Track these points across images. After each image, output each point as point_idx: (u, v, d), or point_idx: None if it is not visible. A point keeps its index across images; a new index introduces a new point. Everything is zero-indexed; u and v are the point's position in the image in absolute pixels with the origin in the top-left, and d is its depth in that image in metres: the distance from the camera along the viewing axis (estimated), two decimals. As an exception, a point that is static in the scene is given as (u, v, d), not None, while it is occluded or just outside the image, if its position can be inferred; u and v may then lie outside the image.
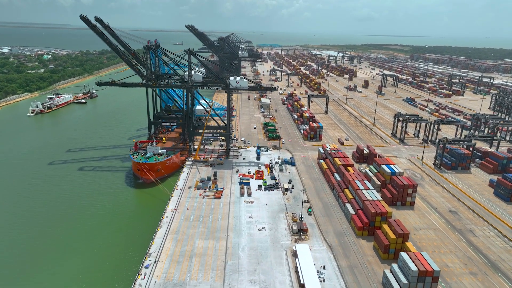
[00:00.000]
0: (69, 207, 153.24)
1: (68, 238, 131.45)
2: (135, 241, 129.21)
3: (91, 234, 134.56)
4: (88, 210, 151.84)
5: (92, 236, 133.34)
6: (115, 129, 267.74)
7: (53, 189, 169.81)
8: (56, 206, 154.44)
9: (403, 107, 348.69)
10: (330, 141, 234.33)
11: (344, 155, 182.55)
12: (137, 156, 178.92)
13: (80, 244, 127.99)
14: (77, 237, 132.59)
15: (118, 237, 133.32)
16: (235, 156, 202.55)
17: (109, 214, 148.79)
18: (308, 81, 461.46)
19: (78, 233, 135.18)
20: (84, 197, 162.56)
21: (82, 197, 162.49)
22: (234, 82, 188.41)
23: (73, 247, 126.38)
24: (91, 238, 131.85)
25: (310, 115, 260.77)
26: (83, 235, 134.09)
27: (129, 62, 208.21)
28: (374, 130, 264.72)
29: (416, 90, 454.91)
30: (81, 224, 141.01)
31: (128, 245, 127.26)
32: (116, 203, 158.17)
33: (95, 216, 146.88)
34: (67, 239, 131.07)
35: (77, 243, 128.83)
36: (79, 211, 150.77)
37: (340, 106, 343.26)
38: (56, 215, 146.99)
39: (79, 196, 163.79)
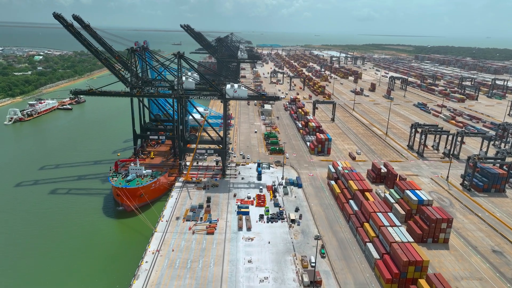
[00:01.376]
0: (34, 243, 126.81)
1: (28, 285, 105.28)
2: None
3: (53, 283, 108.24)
4: (55, 247, 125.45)
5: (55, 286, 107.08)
6: (99, 140, 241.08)
7: (16, 219, 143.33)
8: (19, 239, 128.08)
9: (415, 114, 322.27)
10: (339, 155, 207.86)
11: (360, 176, 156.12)
12: (116, 178, 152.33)
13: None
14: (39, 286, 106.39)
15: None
16: (233, 175, 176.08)
17: (78, 257, 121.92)
18: (311, 84, 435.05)
19: (41, 278, 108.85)
20: (53, 230, 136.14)
21: (49, 230, 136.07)
22: (231, 91, 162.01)
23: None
24: None
25: (317, 125, 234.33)
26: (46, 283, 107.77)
27: (111, 66, 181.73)
28: (387, 141, 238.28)
29: (426, 93, 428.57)
30: (44, 266, 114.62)
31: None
32: (89, 239, 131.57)
33: (62, 257, 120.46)
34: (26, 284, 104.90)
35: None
36: (45, 247, 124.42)
37: (347, 113, 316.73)
38: (17, 252, 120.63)
39: (46, 228, 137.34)
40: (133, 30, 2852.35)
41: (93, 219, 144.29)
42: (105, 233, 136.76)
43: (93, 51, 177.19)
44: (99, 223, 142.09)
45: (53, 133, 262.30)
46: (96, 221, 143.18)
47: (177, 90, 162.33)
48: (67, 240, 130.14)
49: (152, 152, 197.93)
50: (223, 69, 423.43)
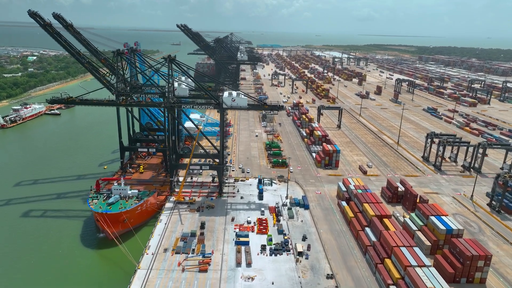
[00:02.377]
0: None
1: None
2: None
3: None
4: (22, 282, 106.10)
5: None
6: (86, 150, 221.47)
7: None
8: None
9: (425, 119, 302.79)
10: (349, 169, 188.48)
11: (376, 198, 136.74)
12: (97, 201, 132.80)
13: None
14: None
15: None
16: (231, 194, 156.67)
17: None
18: (314, 87, 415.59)
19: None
20: (21, 261, 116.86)
21: (17, 261, 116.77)
22: (229, 99, 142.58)
23: None
24: None
25: (323, 134, 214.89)
26: None
27: (94, 71, 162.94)
28: (399, 151, 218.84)
29: (434, 97, 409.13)
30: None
31: None
32: (62, 274, 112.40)
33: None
34: None
35: None
36: (10, 282, 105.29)
37: (354, 119, 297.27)
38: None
39: (14, 259, 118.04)
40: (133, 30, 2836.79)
41: (69, 249, 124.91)
42: (82, 267, 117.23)
43: (74, 54, 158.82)
44: (76, 254, 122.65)
45: (37, 142, 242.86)
46: (73, 252, 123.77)
47: (168, 98, 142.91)
48: (37, 273, 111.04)
49: (142, 166, 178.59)
50: (222, 71, 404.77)
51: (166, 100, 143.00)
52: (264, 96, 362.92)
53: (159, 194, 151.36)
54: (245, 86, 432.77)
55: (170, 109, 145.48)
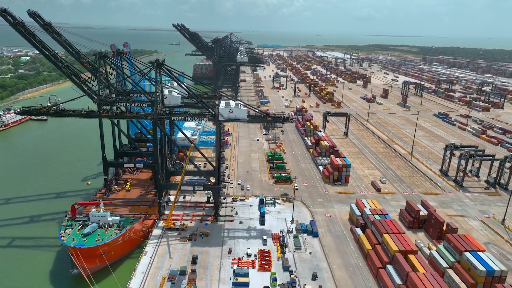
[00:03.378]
0: None
1: None
2: None
3: None
4: None
5: None
6: (70, 161, 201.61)
7: None
8: None
9: (438, 126, 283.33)
10: (360, 185, 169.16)
11: (397, 226, 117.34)
12: (71, 230, 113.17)
13: None
14: None
15: None
16: (228, 217, 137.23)
17: None
18: (318, 89, 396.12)
19: None
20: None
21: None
22: (226, 111, 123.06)
23: None
24: None
25: (330, 144, 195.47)
26: None
27: (73, 77, 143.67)
28: (414, 163, 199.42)
29: (443, 100, 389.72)
30: None
31: None
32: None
33: None
34: None
35: None
36: None
37: (361, 125, 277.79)
38: None
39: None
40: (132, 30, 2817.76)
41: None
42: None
43: (50, 56, 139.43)
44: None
45: (17, 151, 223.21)
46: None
47: (156, 109, 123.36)
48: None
49: (129, 182, 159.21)
50: (220, 73, 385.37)
51: (154, 111, 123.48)
52: (265, 100, 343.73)
53: (146, 218, 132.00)
54: (245, 89, 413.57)
55: (155, 122, 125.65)
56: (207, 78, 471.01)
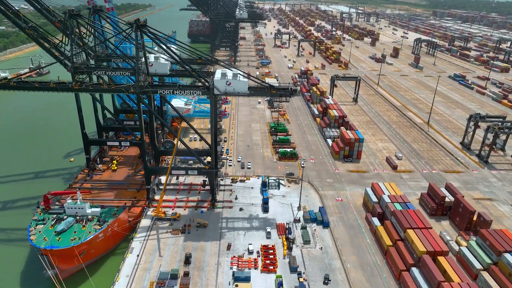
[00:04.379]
0: None
1: None
2: None
3: None
4: None
5: None
6: (53, 134, 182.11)
7: None
8: None
9: (454, 90, 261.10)
10: (374, 162, 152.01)
11: (421, 218, 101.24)
12: (42, 227, 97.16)
13: None
14: None
15: None
16: (227, 203, 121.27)
17: None
18: (323, 48, 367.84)
19: None
20: None
21: None
22: (223, 83, 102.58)
23: None
24: None
25: (340, 114, 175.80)
26: None
27: (42, 40, 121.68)
28: (431, 134, 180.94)
29: (458, 60, 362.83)
30: None
31: None
32: None
33: None
34: None
35: None
36: None
37: (372, 89, 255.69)
38: None
39: None
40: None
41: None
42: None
43: (10, 14, 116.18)
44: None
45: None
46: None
47: (138, 81, 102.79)
48: None
49: (116, 161, 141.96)
50: (218, 30, 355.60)
51: (136, 83, 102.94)
52: (266, 61, 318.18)
53: (133, 206, 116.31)
54: (244, 48, 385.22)
55: (139, 97, 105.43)
56: (203, 35, 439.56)
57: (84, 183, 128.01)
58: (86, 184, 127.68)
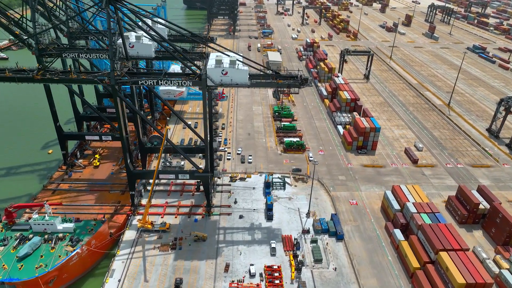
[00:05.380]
0: None
1: None
2: None
3: None
4: None
5: None
6: (29, 120, 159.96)
7: None
8: None
9: (474, 64, 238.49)
10: (390, 154, 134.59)
11: (455, 234, 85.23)
12: (3, 249, 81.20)
13: None
14: None
15: None
16: (224, 208, 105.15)
17: None
18: (329, 16, 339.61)
19: None
20: None
21: None
22: (218, 72, 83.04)
23: None
24: None
25: (352, 97, 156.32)
26: None
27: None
28: (453, 119, 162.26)
29: (476, 29, 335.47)
30: None
31: None
32: None
33: None
34: None
35: None
36: None
37: (384, 64, 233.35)
38: None
39: None
40: None
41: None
42: None
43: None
44: None
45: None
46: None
47: (112, 70, 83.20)
48: None
49: (98, 155, 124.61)
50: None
51: (110, 73, 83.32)
52: (268, 30, 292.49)
53: (116, 213, 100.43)
54: (244, 16, 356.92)
55: (114, 90, 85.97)
56: (200, 1, 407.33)
57: (61, 183, 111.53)
58: (63, 184, 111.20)
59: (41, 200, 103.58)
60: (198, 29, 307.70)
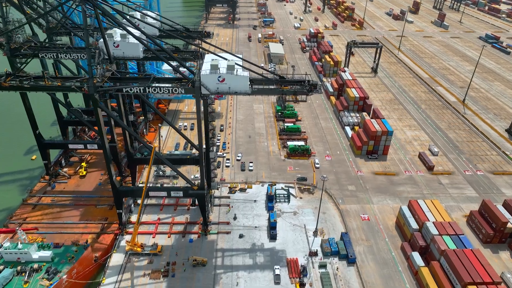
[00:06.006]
0: None
1: None
2: None
3: None
4: None
5: None
6: (9, 123, 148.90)
7: None
8: None
9: (488, 55, 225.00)
10: (403, 159, 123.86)
11: (487, 268, 75.13)
12: (-31, 285, 71.74)
13: None
14: None
15: None
16: (223, 226, 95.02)
17: None
18: (333, 3, 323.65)
19: None
20: None
21: None
22: (213, 79, 71.60)
23: None
24: None
25: (361, 95, 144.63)
26: None
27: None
28: (469, 118, 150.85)
29: (487, 16, 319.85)
30: None
31: None
32: None
33: None
34: None
35: None
36: None
37: (392, 55, 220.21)
38: None
39: None
40: None
41: None
42: None
43: None
44: None
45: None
46: None
47: (91, 77, 71.75)
48: None
49: (85, 163, 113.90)
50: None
51: (89, 80, 71.87)
52: (269, 19, 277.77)
53: (103, 232, 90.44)
54: (244, 3, 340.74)
55: (94, 101, 74.72)
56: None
57: (43, 196, 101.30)
58: (45, 198, 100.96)
59: (19, 217, 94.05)
60: (196, 18, 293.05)
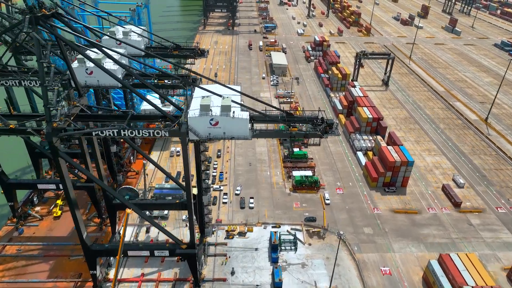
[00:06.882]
0: None
1: None
2: None
3: None
4: None
5: None
6: None
7: None
8: None
9: (505, 64, 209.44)
10: (425, 192, 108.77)
11: None
12: None
13: None
14: None
15: None
16: (218, 285, 79.98)
17: None
18: (338, 7, 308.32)
19: None
20: None
21: None
22: (204, 122, 56.64)
23: None
24: None
25: (375, 116, 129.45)
26: None
27: None
28: (493, 139, 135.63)
29: (499, 21, 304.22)
30: None
31: None
32: None
33: None
34: None
35: None
36: None
37: (403, 65, 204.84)
38: None
39: None
40: None
41: None
42: None
43: None
44: None
45: None
46: None
47: (48, 121, 56.85)
48: None
49: (61, 200, 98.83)
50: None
51: (47, 122, 56.99)
52: (271, 25, 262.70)
53: None
54: (244, 7, 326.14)
55: (53, 148, 59.86)
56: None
57: (8, 245, 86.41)
58: (10, 247, 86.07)
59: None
60: (193, 23, 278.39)
